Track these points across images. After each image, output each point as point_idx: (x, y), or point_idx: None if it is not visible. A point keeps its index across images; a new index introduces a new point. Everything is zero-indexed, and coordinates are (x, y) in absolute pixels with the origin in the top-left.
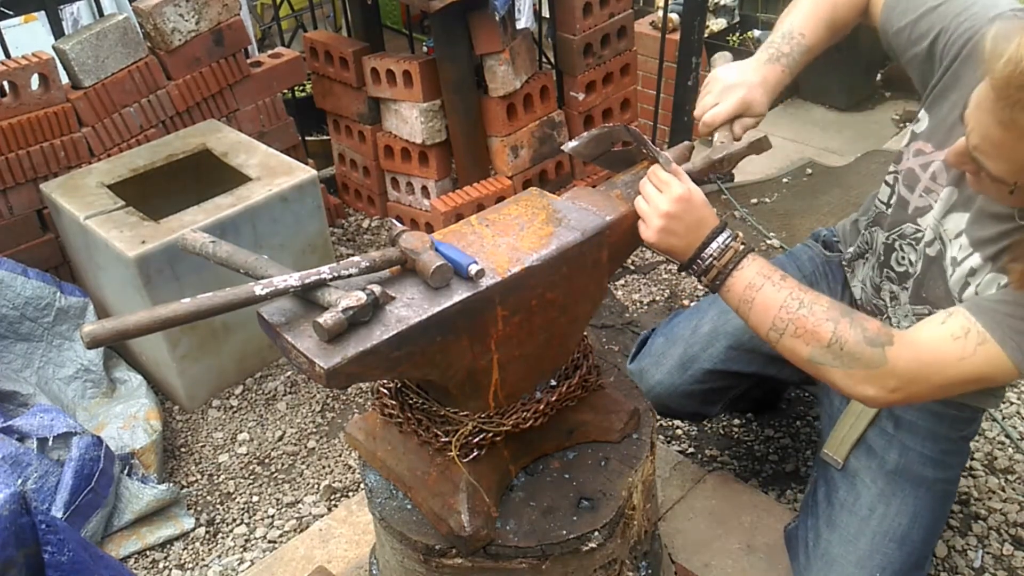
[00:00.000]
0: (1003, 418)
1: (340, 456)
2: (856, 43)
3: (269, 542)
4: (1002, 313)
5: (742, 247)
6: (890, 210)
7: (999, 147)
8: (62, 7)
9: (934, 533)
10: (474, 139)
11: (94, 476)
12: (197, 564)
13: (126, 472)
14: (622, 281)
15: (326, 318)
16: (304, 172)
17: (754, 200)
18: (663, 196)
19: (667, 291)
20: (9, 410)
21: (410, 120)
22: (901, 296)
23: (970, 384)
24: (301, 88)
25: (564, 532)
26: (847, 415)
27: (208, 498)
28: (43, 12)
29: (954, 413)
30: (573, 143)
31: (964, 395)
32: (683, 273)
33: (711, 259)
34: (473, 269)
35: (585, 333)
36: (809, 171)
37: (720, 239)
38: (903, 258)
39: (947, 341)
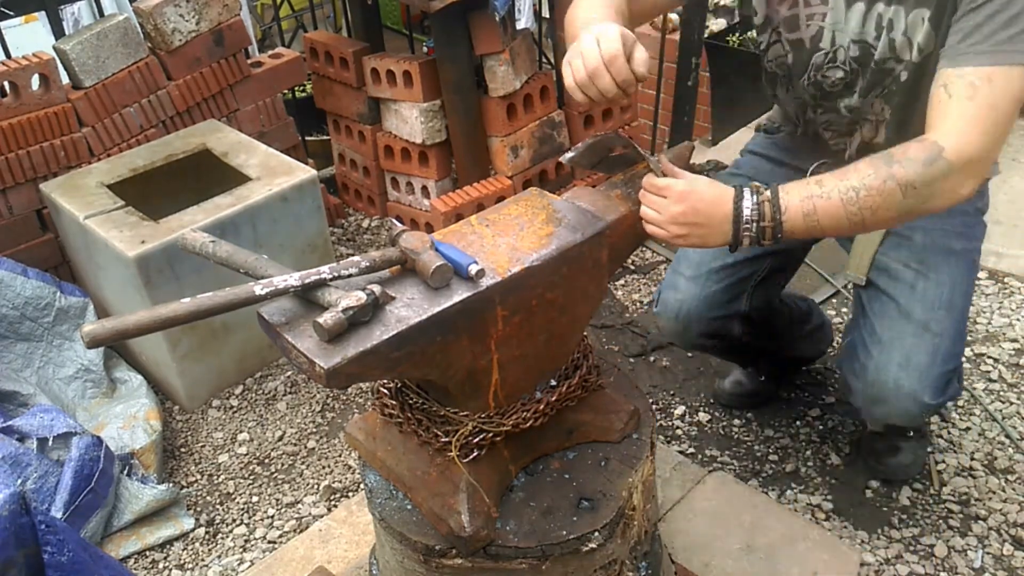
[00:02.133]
0: (1003, 418)
1: (340, 456)
2: None
3: (269, 542)
4: (973, 45)
5: (768, 191)
6: (790, 60)
7: None
8: (63, 7)
9: (969, 302)
10: (474, 139)
11: (94, 476)
12: (197, 564)
13: (126, 472)
14: (622, 281)
15: (326, 318)
16: (304, 172)
17: None
18: (666, 200)
19: None
20: (9, 410)
21: (410, 120)
22: (853, 100)
23: (1015, 111)
24: (301, 88)
25: (564, 532)
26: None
27: (208, 498)
28: (43, 12)
29: None
30: (570, 154)
31: None
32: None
33: (755, 223)
34: (473, 269)
35: (585, 333)
36: None
37: (748, 202)
38: (838, 78)
39: (969, 105)
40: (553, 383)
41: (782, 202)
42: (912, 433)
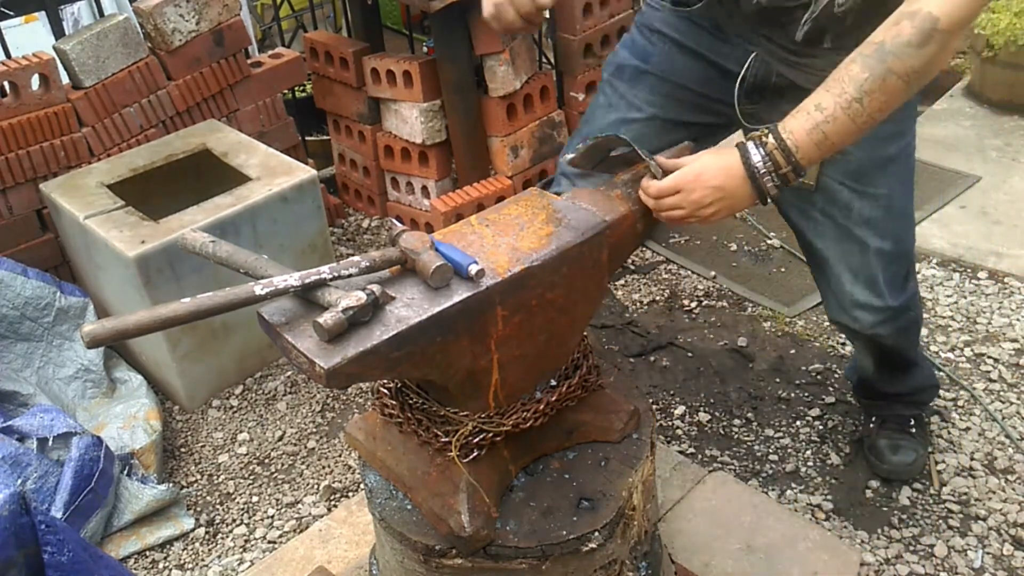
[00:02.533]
0: (1003, 418)
1: (340, 456)
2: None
3: (269, 542)
4: None
5: (770, 137)
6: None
7: None
8: (62, 7)
9: (911, 192)
10: (474, 139)
11: (94, 476)
12: (197, 564)
13: (126, 472)
14: (622, 281)
15: (326, 318)
16: (304, 172)
17: None
18: (681, 194)
19: (667, 291)
20: (9, 410)
21: (410, 120)
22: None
23: None
24: (301, 88)
25: (564, 532)
26: None
27: (208, 498)
28: (43, 12)
29: None
30: (570, 155)
31: None
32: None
33: (773, 172)
34: (473, 269)
35: (585, 333)
36: None
37: (756, 157)
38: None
39: None
40: (553, 383)
41: (789, 143)
42: (915, 429)
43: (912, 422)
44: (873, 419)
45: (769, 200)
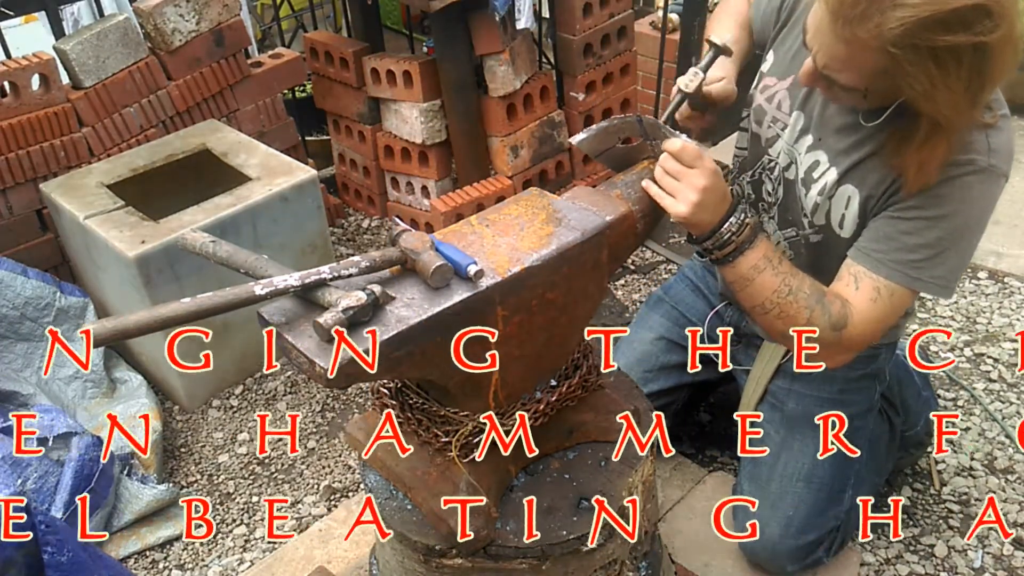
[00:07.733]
0: (1003, 418)
1: (340, 456)
2: None
3: (269, 542)
4: (883, 255)
5: (754, 223)
6: (747, 152)
7: (846, 62)
8: (62, 7)
9: (845, 468)
10: (474, 139)
11: (94, 476)
12: (197, 564)
13: (126, 472)
14: (622, 281)
15: (326, 318)
16: (304, 172)
17: None
18: (698, 171)
19: None
20: (9, 410)
21: (410, 120)
22: (769, 227)
23: (895, 320)
24: (301, 88)
25: (564, 532)
26: (750, 380)
27: (208, 498)
28: (43, 12)
29: None
30: (581, 135)
31: None
32: (690, 244)
33: (730, 234)
34: (472, 269)
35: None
36: None
37: (737, 215)
38: (767, 190)
39: (871, 306)
40: (553, 383)
41: (756, 240)
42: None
43: None
44: None
45: (696, 238)
